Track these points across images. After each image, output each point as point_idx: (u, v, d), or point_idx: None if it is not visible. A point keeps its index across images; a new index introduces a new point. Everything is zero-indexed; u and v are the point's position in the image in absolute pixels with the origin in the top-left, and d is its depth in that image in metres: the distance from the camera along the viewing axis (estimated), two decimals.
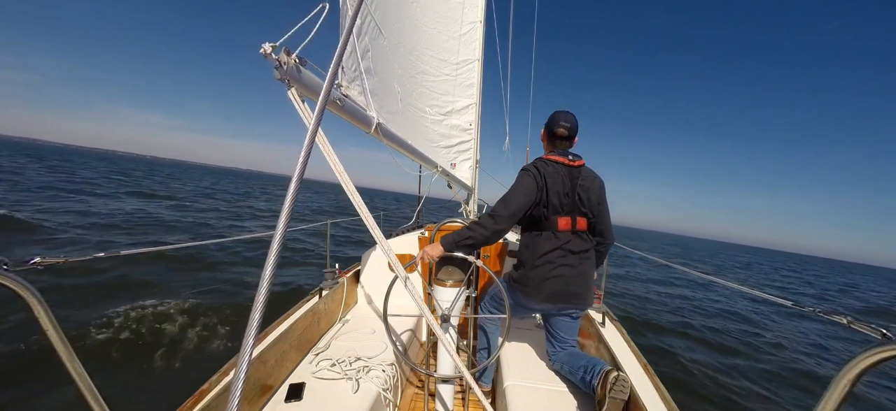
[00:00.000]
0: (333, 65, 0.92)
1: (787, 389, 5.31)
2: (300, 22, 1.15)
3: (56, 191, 15.10)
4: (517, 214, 1.83)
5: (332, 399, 1.75)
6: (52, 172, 24.33)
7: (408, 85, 2.62)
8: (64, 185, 17.43)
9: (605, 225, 1.98)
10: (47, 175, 21.82)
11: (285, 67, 1.12)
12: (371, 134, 1.91)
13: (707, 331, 7.51)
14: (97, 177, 25.63)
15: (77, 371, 0.85)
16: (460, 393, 2.37)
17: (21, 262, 0.82)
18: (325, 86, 0.88)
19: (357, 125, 1.79)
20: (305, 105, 1.17)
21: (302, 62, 1.17)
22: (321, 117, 0.86)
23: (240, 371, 0.59)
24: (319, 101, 0.85)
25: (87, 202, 13.05)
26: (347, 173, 1.31)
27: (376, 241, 1.34)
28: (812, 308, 1.13)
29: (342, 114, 1.60)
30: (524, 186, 1.84)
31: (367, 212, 1.33)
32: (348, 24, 0.94)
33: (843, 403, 0.74)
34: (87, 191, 16.29)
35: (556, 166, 1.87)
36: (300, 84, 1.18)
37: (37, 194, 13.37)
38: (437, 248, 1.86)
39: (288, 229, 0.73)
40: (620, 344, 2.20)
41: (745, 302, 11.41)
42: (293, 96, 1.15)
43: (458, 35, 3.61)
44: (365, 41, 1.82)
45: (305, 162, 0.77)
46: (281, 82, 1.15)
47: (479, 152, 4.40)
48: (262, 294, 0.65)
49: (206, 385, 1.42)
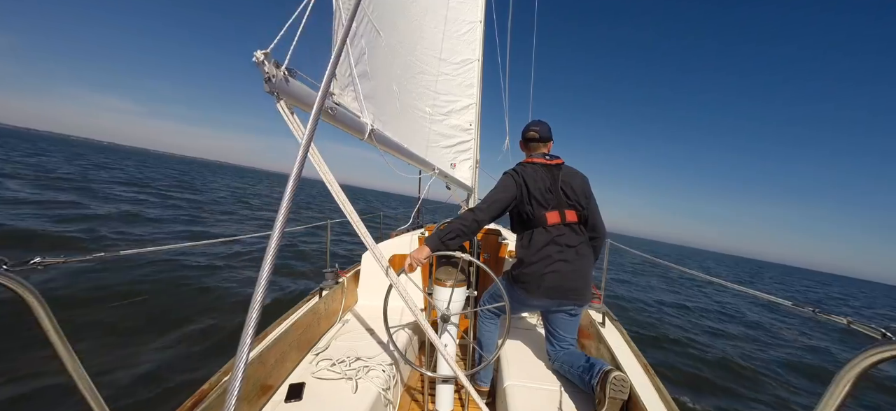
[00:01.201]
0: (326, 79, 0.90)
1: (787, 389, 5.30)
2: (287, 21, 1.10)
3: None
4: (495, 207, 1.93)
5: (332, 399, 1.75)
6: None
7: (407, 85, 2.62)
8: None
9: (597, 219, 2.03)
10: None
11: (274, 80, 1.08)
12: (365, 140, 1.89)
13: (707, 332, 7.50)
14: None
15: (77, 371, 0.85)
16: (459, 392, 2.38)
17: (21, 262, 0.82)
18: (317, 101, 0.86)
19: (350, 132, 1.77)
20: (295, 116, 1.14)
21: (291, 73, 1.13)
22: (314, 132, 0.85)
23: (237, 371, 0.59)
24: (311, 118, 0.83)
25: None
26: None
27: (368, 248, 1.34)
28: (811, 309, 1.13)
29: (334, 123, 1.58)
30: (502, 183, 1.98)
31: (358, 220, 1.32)
32: (342, 36, 0.92)
33: (843, 403, 0.74)
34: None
35: (534, 166, 1.98)
36: (290, 96, 1.15)
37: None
38: (424, 251, 1.89)
39: (285, 230, 0.73)
40: (620, 344, 2.20)
41: (743, 302, 11.41)
42: (283, 109, 1.12)
43: (458, 34, 3.61)
44: (361, 44, 1.80)
45: (299, 175, 0.77)
46: (270, 94, 1.11)
47: (479, 152, 4.40)
48: (259, 294, 0.65)
49: (206, 385, 1.42)
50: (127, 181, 20.78)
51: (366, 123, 1.81)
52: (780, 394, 5.08)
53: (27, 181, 13.54)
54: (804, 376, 5.96)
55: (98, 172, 23.54)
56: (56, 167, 21.68)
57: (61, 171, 19.55)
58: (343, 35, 0.91)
